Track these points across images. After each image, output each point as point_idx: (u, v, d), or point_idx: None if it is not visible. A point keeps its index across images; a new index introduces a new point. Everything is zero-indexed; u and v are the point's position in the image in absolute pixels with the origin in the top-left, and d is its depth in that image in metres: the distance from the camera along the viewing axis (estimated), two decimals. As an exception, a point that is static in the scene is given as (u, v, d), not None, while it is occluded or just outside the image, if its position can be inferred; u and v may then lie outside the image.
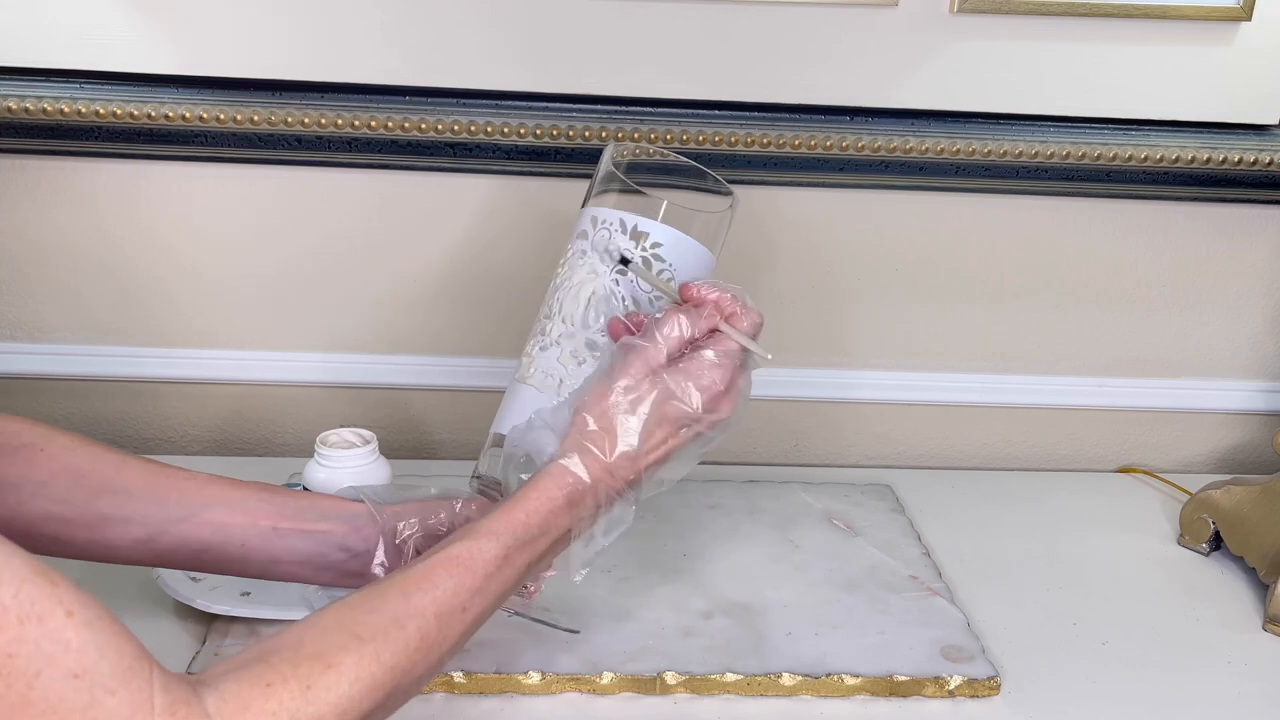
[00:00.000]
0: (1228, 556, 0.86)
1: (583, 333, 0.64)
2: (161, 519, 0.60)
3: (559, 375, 0.64)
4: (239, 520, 0.61)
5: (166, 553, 0.61)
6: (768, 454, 1.03)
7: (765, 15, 0.87)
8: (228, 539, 0.61)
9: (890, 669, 0.69)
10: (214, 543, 0.61)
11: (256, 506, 0.61)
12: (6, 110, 0.85)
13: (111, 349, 0.96)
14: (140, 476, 0.61)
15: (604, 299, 0.64)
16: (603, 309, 0.64)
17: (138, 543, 0.60)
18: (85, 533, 0.59)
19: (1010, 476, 1.01)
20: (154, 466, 0.62)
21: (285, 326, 0.97)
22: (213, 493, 0.61)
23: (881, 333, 1.00)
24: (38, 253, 0.93)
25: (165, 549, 0.60)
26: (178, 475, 0.62)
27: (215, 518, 0.60)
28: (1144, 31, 0.90)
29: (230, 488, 0.62)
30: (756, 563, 0.82)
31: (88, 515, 0.59)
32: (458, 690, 0.68)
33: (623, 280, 0.65)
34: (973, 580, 0.81)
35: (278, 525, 0.61)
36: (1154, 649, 0.75)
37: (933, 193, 0.95)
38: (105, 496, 0.60)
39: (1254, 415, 1.05)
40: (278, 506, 0.62)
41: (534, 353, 0.66)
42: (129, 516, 0.60)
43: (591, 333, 0.64)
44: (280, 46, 0.87)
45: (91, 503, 0.59)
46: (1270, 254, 1.00)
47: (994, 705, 0.68)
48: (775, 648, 0.71)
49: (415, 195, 0.93)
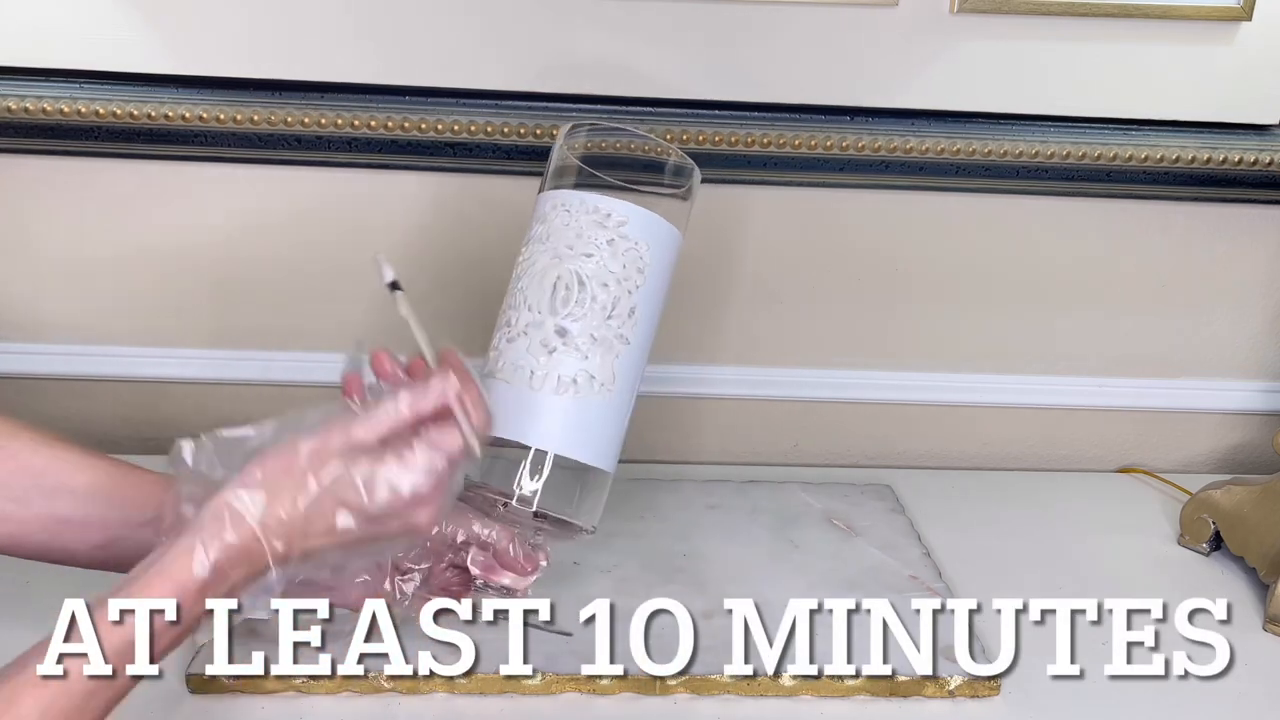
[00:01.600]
0: (1228, 556, 0.86)
1: (550, 319, 0.62)
2: (120, 522, 0.56)
3: (528, 367, 0.63)
4: None
5: (128, 558, 0.53)
6: (768, 454, 1.03)
7: (765, 15, 0.87)
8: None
9: (890, 669, 0.69)
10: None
11: None
12: (6, 110, 0.85)
13: (112, 349, 0.96)
14: (101, 477, 0.57)
15: (572, 283, 0.62)
16: (573, 294, 0.62)
17: (96, 548, 0.57)
18: (42, 535, 0.56)
19: (1010, 476, 1.01)
20: (118, 466, 0.59)
21: (285, 326, 0.97)
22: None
23: (881, 333, 1.00)
24: (38, 253, 0.93)
25: (127, 554, 0.55)
26: (141, 476, 0.59)
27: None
28: (1144, 31, 0.89)
29: None
30: (756, 563, 0.82)
31: (43, 517, 0.56)
32: (458, 690, 0.67)
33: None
34: (972, 580, 0.81)
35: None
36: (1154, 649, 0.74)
37: (933, 193, 0.95)
38: (62, 497, 0.56)
39: (1254, 415, 1.05)
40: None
41: (501, 345, 0.64)
42: (87, 519, 0.56)
43: (560, 319, 0.62)
44: (280, 46, 0.87)
45: (48, 504, 0.56)
46: (1270, 254, 1.00)
47: (994, 705, 0.68)
48: (775, 648, 0.71)
49: (415, 195, 0.93)
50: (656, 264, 0.66)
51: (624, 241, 0.62)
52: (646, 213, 0.63)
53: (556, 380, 0.63)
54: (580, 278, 0.62)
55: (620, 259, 0.64)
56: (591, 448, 0.65)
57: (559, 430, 0.64)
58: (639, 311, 0.65)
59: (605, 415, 0.65)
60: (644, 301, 0.65)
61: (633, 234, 0.63)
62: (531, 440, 0.63)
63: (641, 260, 0.63)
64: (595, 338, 0.63)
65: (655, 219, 0.64)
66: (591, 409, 0.64)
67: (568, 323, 0.62)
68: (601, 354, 0.64)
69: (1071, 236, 0.98)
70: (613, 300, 0.64)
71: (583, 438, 0.64)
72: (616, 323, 0.64)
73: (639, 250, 0.63)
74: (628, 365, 0.65)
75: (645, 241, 0.63)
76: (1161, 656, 0.74)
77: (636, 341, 0.65)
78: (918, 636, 0.72)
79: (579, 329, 0.62)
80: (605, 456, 0.66)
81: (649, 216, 0.63)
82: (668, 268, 0.67)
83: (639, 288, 0.65)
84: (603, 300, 0.63)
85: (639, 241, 0.63)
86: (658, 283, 0.66)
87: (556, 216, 0.64)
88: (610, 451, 0.66)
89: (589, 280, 0.63)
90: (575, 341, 0.63)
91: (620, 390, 0.65)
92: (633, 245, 0.63)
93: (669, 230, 0.65)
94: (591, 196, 0.63)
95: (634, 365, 0.66)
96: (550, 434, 0.63)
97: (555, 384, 0.63)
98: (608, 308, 0.64)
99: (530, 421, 0.63)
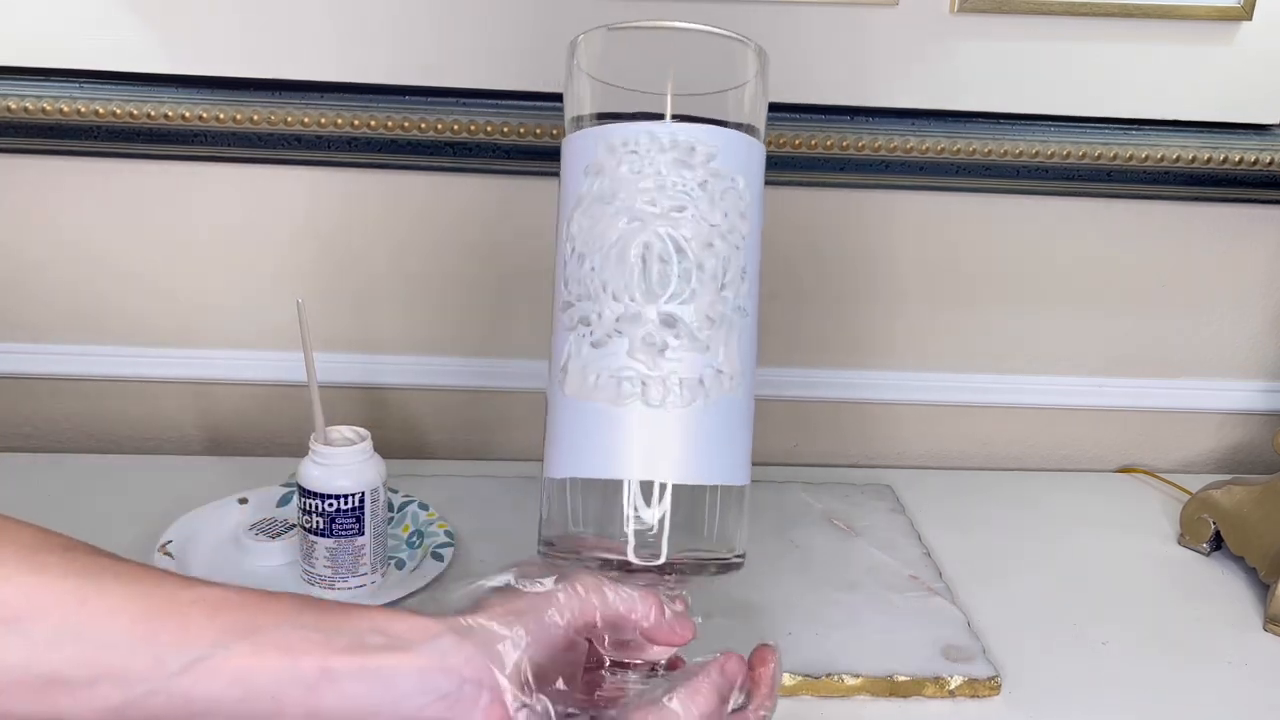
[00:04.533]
0: (1228, 556, 0.86)
1: (650, 307, 0.47)
2: (149, 673, 0.38)
3: (638, 376, 0.47)
4: (271, 662, 0.40)
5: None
6: (768, 454, 1.03)
7: (766, 15, 0.87)
8: (249, 692, 0.39)
9: (890, 669, 0.69)
10: (227, 698, 0.39)
11: (294, 636, 0.40)
12: (6, 110, 0.86)
13: (111, 349, 0.96)
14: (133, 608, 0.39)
15: (668, 252, 0.47)
16: (672, 266, 0.47)
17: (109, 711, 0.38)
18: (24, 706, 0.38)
19: (1010, 476, 1.01)
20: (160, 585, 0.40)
21: (285, 326, 0.96)
22: (227, 621, 0.40)
23: (882, 333, 1.00)
24: (38, 253, 0.93)
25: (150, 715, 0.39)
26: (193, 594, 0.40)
27: (233, 662, 0.39)
28: (1144, 31, 0.89)
29: (257, 608, 0.41)
30: (756, 563, 0.82)
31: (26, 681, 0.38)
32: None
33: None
34: (973, 580, 0.81)
35: (328, 664, 0.40)
36: (1154, 649, 0.74)
37: (933, 193, 0.95)
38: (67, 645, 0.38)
39: (1254, 415, 1.05)
40: (326, 634, 0.41)
41: (583, 353, 0.48)
42: (95, 675, 0.38)
43: (663, 303, 0.47)
44: (280, 46, 0.87)
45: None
46: (1270, 254, 1.00)
47: (994, 705, 0.68)
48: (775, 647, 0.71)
49: (415, 195, 0.93)
50: (756, 201, 0.51)
51: (718, 180, 0.47)
52: (733, 134, 0.48)
53: (680, 386, 0.47)
54: (677, 243, 0.47)
55: (719, 206, 0.48)
56: (725, 461, 0.50)
57: (684, 452, 0.48)
58: (749, 270, 0.50)
59: (733, 416, 0.50)
60: (752, 254, 0.50)
61: (726, 167, 0.48)
62: (659, 474, 0.47)
63: (742, 201, 0.48)
64: (712, 319, 0.48)
65: (744, 141, 0.49)
66: (718, 413, 0.49)
67: (674, 306, 0.47)
68: (725, 338, 0.48)
69: (1071, 236, 0.98)
70: (722, 264, 0.48)
71: (714, 452, 0.49)
72: (731, 292, 0.49)
73: (737, 188, 0.48)
74: (749, 343, 0.50)
75: (741, 175, 0.48)
76: (1161, 656, 0.74)
77: (753, 309, 0.51)
78: (918, 637, 0.73)
79: (692, 313, 0.47)
80: (740, 467, 0.51)
81: (737, 139, 0.48)
82: (762, 200, 0.52)
83: (745, 238, 0.49)
84: (712, 267, 0.48)
85: (735, 177, 0.48)
86: (758, 222, 0.51)
87: (620, 163, 0.47)
88: (743, 458, 0.52)
89: (688, 244, 0.47)
90: (691, 330, 0.48)
91: (746, 378, 0.50)
92: (730, 184, 0.48)
93: (758, 150, 0.50)
94: (662, 127, 0.47)
95: (753, 340, 0.51)
96: (676, 459, 0.48)
97: (680, 392, 0.47)
98: (719, 276, 0.48)
99: (653, 450, 0.48)
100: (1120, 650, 0.74)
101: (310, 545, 0.72)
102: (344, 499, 0.71)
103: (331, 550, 0.71)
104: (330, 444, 0.73)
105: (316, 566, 0.72)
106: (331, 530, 0.71)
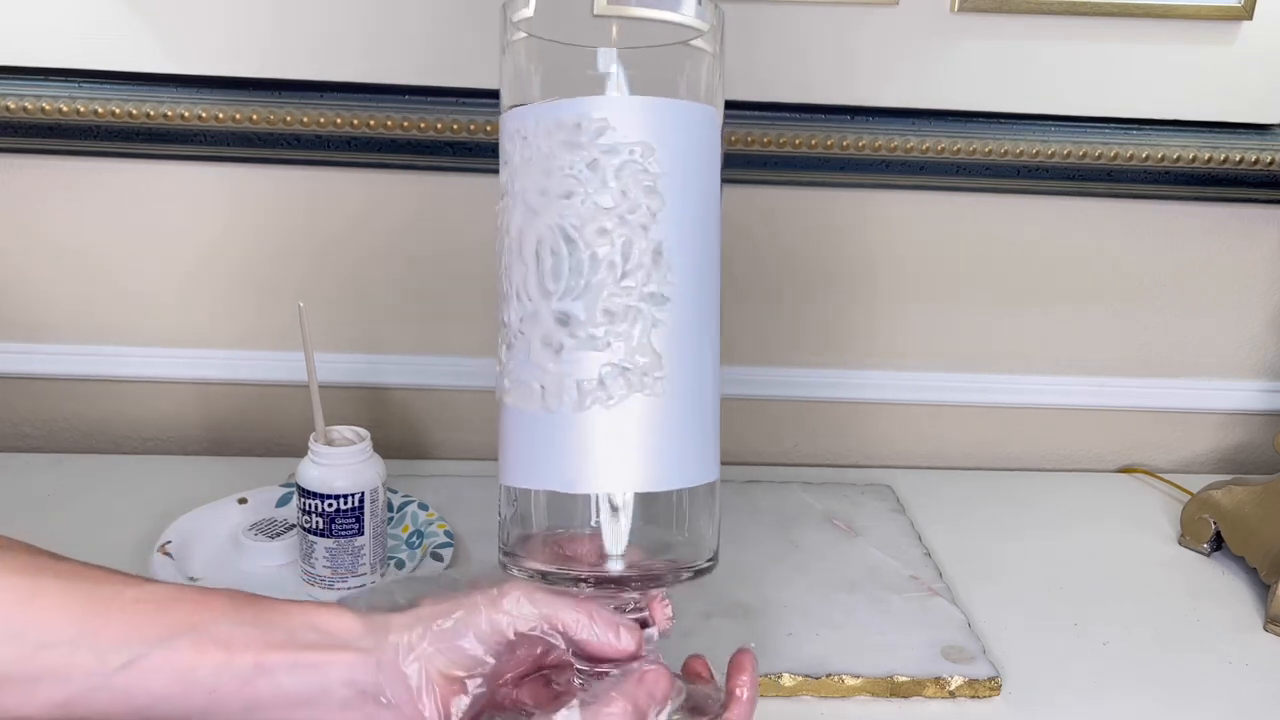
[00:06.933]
0: (1229, 557, 0.86)
1: (545, 304, 0.43)
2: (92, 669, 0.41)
3: (536, 381, 0.44)
4: (211, 657, 0.42)
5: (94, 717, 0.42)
6: (768, 454, 1.03)
7: (766, 15, 0.87)
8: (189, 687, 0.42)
9: (891, 669, 0.69)
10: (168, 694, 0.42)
11: (232, 632, 0.43)
12: (6, 110, 0.86)
13: (111, 349, 0.96)
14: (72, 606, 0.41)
15: (557, 244, 0.43)
16: (562, 259, 0.43)
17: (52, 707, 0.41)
18: None
19: (1010, 476, 1.01)
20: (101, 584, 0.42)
21: (285, 326, 0.96)
22: (169, 619, 0.42)
23: (881, 333, 1.00)
24: (38, 253, 0.93)
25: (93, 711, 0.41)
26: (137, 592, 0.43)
27: (174, 658, 0.42)
28: (1145, 31, 0.89)
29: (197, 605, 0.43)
30: (756, 563, 0.82)
31: None
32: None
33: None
34: (973, 580, 0.81)
35: (262, 658, 0.43)
36: (1155, 649, 0.74)
37: (933, 192, 0.95)
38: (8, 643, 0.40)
39: (1254, 415, 1.05)
40: (262, 629, 0.44)
41: (501, 355, 0.46)
42: (37, 671, 0.40)
43: (557, 300, 0.43)
44: (280, 46, 0.87)
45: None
46: (1270, 254, 0.99)
47: (995, 705, 0.68)
48: (775, 648, 0.71)
49: (415, 195, 0.93)
50: (678, 167, 0.44)
51: (611, 157, 0.42)
52: (639, 100, 0.43)
53: (576, 390, 0.44)
54: (565, 233, 0.43)
55: (614, 185, 0.43)
56: (656, 467, 0.45)
57: (599, 460, 0.44)
58: (668, 247, 0.44)
59: (666, 414, 0.45)
60: (673, 229, 0.44)
61: (623, 139, 0.43)
62: (572, 485, 0.45)
63: (648, 174, 0.43)
64: (612, 312, 0.44)
65: (656, 104, 0.43)
66: (640, 413, 0.44)
67: (566, 303, 0.43)
68: (630, 332, 0.44)
69: (1072, 236, 0.98)
70: (620, 251, 0.43)
71: (640, 459, 0.45)
72: (637, 279, 0.44)
73: (641, 161, 0.43)
74: (679, 329, 0.45)
75: (649, 143, 0.43)
76: (1162, 657, 0.74)
77: (682, 290, 0.45)
78: (918, 637, 0.73)
79: (583, 308, 0.43)
80: (684, 469, 0.46)
81: (644, 104, 0.43)
82: (701, 163, 0.45)
83: (657, 214, 0.44)
84: (606, 255, 0.43)
85: (636, 147, 0.43)
86: (691, 192, 0.45)
87: (515, 150, 0.44)
88: (691, 457, 0.46)
89: (578, 232, 0.43)
90: (585, 327, 0.43)
91: (678, 369, 0.45)
92: (628, 157, 0.43)
93: (685, 111, 0.44)
94: (545, 107, 0.43)
95: (690, 324, 0.45)
96: (589, 469, 0.44)
97: (576, 396, 0.44)
98: (617, 265, 0.43)
99: (561, 459, 0.44)
100: (1121, 651, 0.74)
101: (309, 545, 0.72)
102: (343, 499, 0.71)
103: (331, 550, 0.71)
104: (330, 444, 0.72)
105: (316, 567, 0.72)
106: (331, 530, 0.71)
